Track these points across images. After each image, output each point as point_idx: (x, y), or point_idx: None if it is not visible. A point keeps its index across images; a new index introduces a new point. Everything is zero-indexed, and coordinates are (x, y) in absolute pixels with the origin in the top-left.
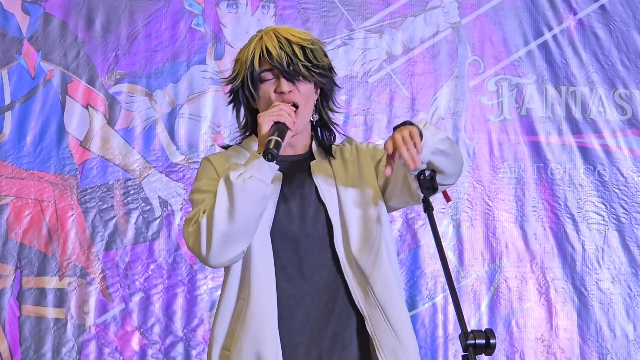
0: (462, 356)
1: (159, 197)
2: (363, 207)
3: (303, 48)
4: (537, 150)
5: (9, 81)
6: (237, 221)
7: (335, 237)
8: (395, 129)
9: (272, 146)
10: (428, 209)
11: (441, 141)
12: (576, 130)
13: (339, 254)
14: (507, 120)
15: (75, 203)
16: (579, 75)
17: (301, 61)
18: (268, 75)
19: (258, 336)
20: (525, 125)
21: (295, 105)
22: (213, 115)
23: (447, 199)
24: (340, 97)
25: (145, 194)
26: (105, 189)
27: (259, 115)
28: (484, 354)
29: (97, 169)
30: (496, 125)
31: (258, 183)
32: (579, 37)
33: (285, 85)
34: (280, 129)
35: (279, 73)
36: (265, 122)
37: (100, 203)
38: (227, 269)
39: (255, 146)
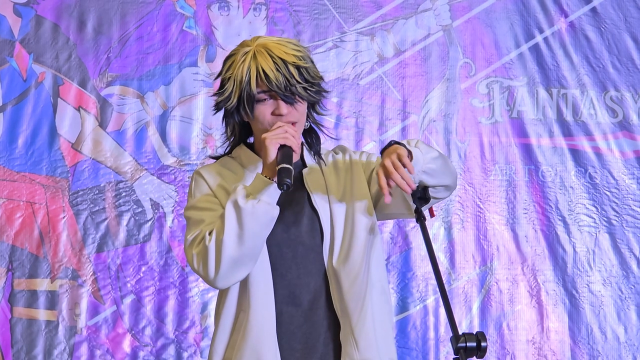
0: (453, 359)
1: (151, 199)
2: (352, 217)
3: (298, 68)
4: (528, 152)
5: (0, 83)
6: (246, 245)
7: (324, 245)
8: (383, 150)
9: (285, 176)
10: (420, 218)
11: (432, 160)
12: (567, 133)
13: (325, 262)
14: (498, 123)
15: (67, 205)
16: (569, 78)
17: (298, 82)
18: (264, 96)
19: (257, 345)
20: (516, 127)
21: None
22: (204, 118)
23: (431, 214)
24: (332, 100)
25: (136, 196)
26: (97, 191)
27: (263, 136)
28: (475, 357)
29: (89, 171)
30: (487, 127)
31: (267, 207)
32: (570, 39)
33: (284, 108)
34: (287, 153)
35: (276, 95)
36: (272, 145)
37: (91, 205)
38: None
39: (245, 157)
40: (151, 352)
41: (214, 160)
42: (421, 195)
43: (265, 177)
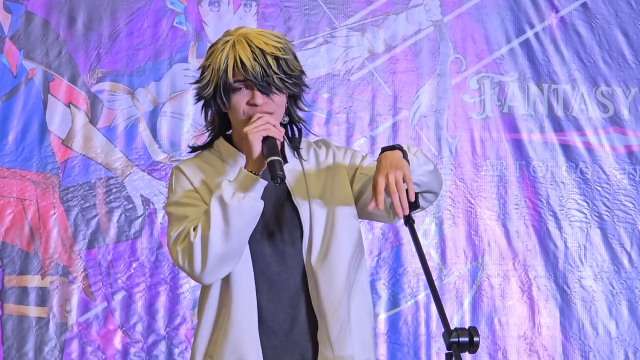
0: (446, 354)
1: (141, 195)
2: (333, 216)
3: (277, 59)
4: (519, 147)
5: None
6: (232, 241)
7: (303, 242)
8: (383, 150)
9: (277, 169)
10: (409, 221)
11: (426, 172)
12: (558, 128)
13: (304, 259)
14: (489, 118)
15: (57, 201)
16: (560, 73)
17: (275, 73)
18: (240, 85)
19: (239, 341)
20: (507, 122)
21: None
22: (195, 113)
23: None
24: (322, 95)
25: (127, 192)
26: (87, 187)
27: (244, 130)
28: (467, 352)
29: (79, 167)
30: (478, 122)
31: (253, 202)
32: (561, 34)
33: (259, 98)
34: (273, 144)
35: (253, 85)
36: (255, 139)
37: (82, 201)
38: None
39: (225, 151)
40: (142, 348)
41: (193, 153)
42: (412, 203)
43: (250, 171)
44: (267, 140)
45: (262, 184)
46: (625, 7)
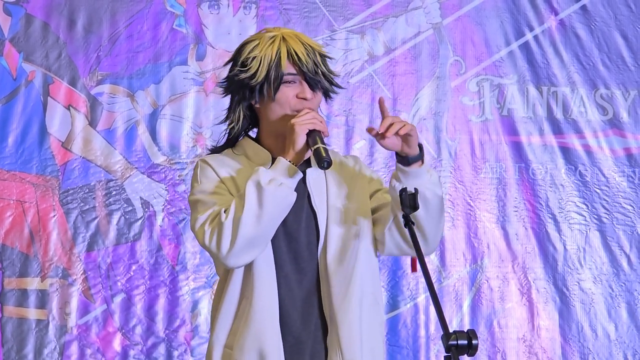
0: (445, 357)
1: (141, 198)
2: (350, 225)
3: (323, 57)
4: (518, 150)
5: None
6: (263, 226)
7: (319, 246)
8: None
9: (324, 155)
10: (408, 223)
11: (434, 185)
12: (557, 131)
13: (319, 263)
14: (488, 121)
15: (57, 204)
16: (560, 76)
17: (323, 71)
18: (291, 78)
19: (260, 333)
20: (506, 125)
21: None
22: (194, 116)
23: (413, 268)
24: None
25: (126, 195)
26: (87, 190)
27: (292, 121)
28: (466, 355)
29: (79, 169)
30: (477, 125)
31: (288, 191)
32: (560, 37)
33: (309, 92)
34: (318, 136)
35: (304, 78)
36: (302, 131)
37: (81, 204)
38: (229, 270)
39: (252, 151)
40: (141, 350)
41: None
42: (411, 204)
43: (289, 161)
44: (312, 133)
45: (298, 176)
46: (625, 9)
